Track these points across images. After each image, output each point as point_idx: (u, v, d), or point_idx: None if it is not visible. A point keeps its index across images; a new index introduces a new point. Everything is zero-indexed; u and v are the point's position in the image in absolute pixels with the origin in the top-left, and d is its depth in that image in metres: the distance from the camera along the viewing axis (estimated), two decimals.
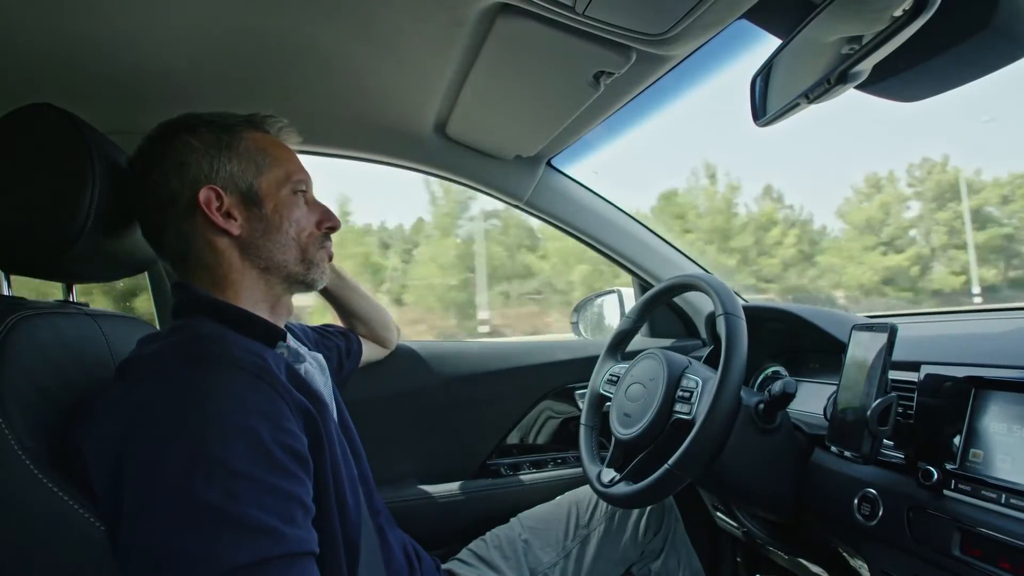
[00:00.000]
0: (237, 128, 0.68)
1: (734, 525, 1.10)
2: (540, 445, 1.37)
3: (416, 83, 0.97)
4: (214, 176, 0.65)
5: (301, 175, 0.71)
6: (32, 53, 0.80)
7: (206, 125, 0.67)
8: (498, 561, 0.96)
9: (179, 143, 0.65)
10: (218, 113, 0.69)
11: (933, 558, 0.64)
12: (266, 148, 0.69)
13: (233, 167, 0.66)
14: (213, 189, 0.64)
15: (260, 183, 0.67)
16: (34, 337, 0.58)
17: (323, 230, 0.73)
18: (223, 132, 0.67)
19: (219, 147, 0.66)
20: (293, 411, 0.56)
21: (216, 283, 0.66)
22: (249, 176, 0.67)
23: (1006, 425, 0.62)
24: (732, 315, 0.80)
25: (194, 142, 0.65)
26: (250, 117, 0.70)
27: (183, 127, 0.66)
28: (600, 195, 1.33)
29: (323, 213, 0.73)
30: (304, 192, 0.71)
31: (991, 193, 13.03)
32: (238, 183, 0.66)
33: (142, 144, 0.67)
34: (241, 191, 0.66)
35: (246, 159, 0.67)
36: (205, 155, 0.65)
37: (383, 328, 1.11)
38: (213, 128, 0.67)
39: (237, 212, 0.66)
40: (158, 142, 0.66)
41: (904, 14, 0.49)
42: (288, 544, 0.48)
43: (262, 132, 0.70)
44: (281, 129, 0.73)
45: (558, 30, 0.77)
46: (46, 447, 0.54)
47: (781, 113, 0.68)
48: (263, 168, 0.68)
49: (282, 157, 0.70)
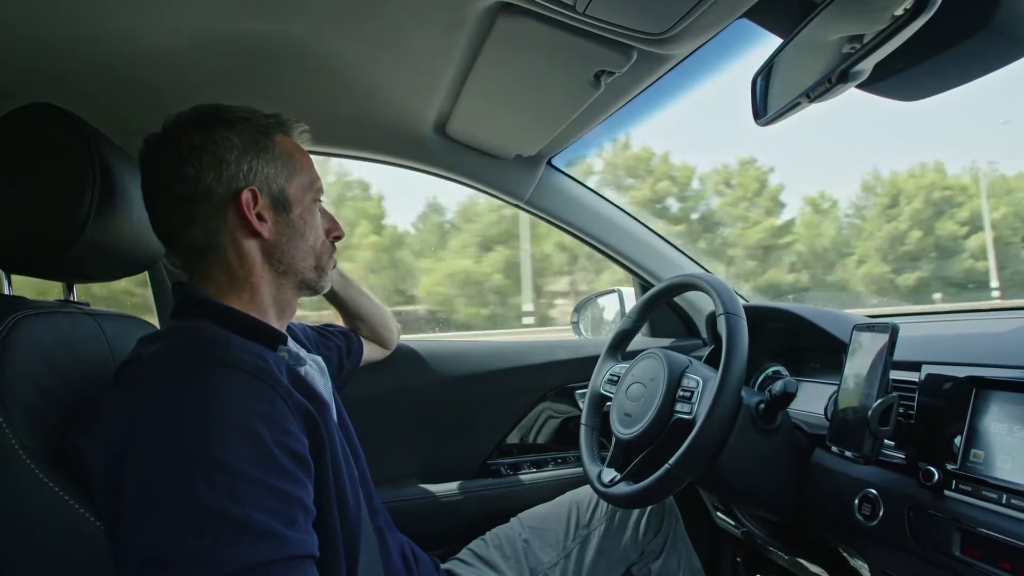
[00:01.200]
0: (270, 130, 0.68)
1: (734, 525, 1.10)
2: (540, 445, 1.37)
3: (416, 83, 0.97)
4: (252, 177, 0.64)
5: (319, 183, 0.72)
6: (32, 53, 0.80)
7: (242, 122, 0.66)
8: (498, 561, 0.96)
9: (219, 138, 0.63)
10: (248, 110, 0.68)
11: (933, 558, 0.64)
12: (294, 153, 0.69)
13: (269, 170, 0.66)
14: (252, 190, 0.64)
15: (290, 188, 0.67)
16: (35, 337, 0.58)
17: (331, 239, 0.74)
18: (259, 132, 0.66)
19: (257, 148, 0.65)
20: (294, 413, 0.56)
21: (232, 283, 0.65)
22: (281, 180, 0.67)
23: (1007, 425, 0.62)
24: (732, 314, 0.80)
25: (234, 139, 0.64)
26: (278, 119, 0.70)
27: (220, 120, 0.65)
28: (600, 194, 1.33)
29: (331, 222, 0.75)
30: (319, 200, 0.72)
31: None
32: (271, 186, 0.66)
33: (171, 132, 0.64)
34: (273, 195, 0.66)
35: (280, 163, 0.67)
36: (245, 155, 0.64)
37: (385, 328, 1.11)
38: (249, 126, 0.66)
39: (268, 215, 0.66)
40: (195, 132, 0.63)
41: (905, 13, 0.49)
42: (289, 547, 0.48)
43: (288, 136, 0.70)
44: (302, 133, 0.73)
45: (559, 29, 0.77)
46: (46, 447, 0.54)
47: (782, 112, 0.68)
48: (293, 173, 0.68)
49: (306, 163, 0.71)
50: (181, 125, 0.64)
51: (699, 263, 1.41)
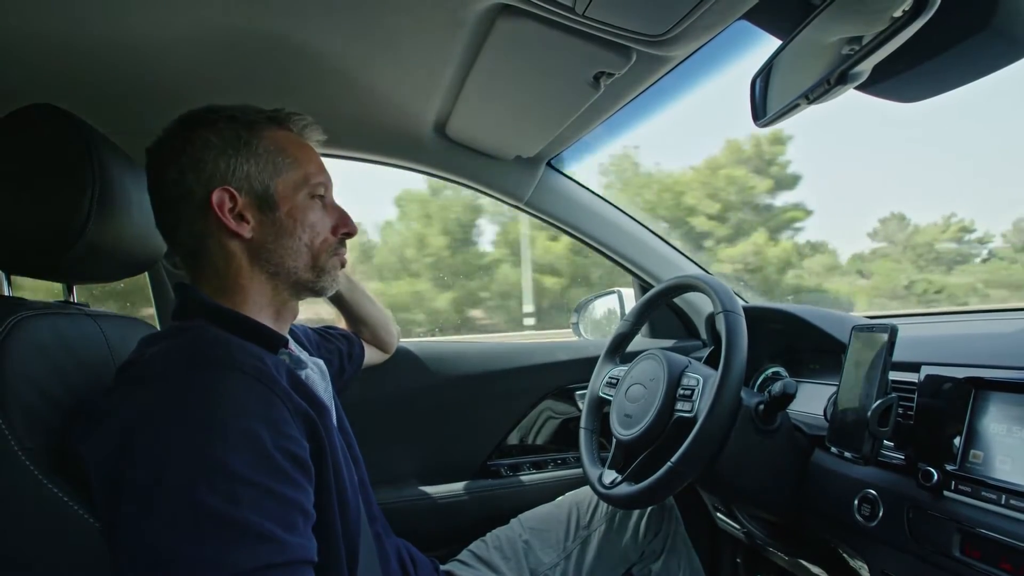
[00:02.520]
0: (258, 125, 0.65)
1: (734, 526, 1.10)
2: (540, 446, 1.37)
3: (416, 83, 0.97)
4: (230, 176, 0.63)
5: (320, 178, 0.68)
6: (32, 53, 0.80)
7: (226, 121, 0.64)
8: (498, 562, 0.96)
9: (197, 139, 0.63)
10: (241, 107, 0.66)
11: (933, 559, 0.64)
12: (286, 148, 0.67)
13: (250, 167, 0.64)
14: (227, 190, 0.62)
15: (277, 185, 0.65)
16: (34, 338, 0.58)
17: (339, 236, 0.70)
18: (243, 129, 0.64)
19: (237, 146, 0.63)
20: (294, 416, 0.55)
21: (223, 285, 0.65)
22: (266, 177, 0.65)
23: (1006, 426, 0.62)
24: (731, 312, 0.80)
25: (212, 139, 0.63)
26: (274, 113, 0.68)
27: (203, 121, 0.64)
28: (600, 195, 1.33)
29: (340, 218, 0.71)
30: (323, 196, 0.69)
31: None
32: (254, 184, 0.64)
33: (162, 135, 0.65)
34: (256, 193, 0.64)
35: (264, 159, 0.65)
36: (223, 154, 0.63)
37: (386, 332, 1.11)
38: (233, 124, 0.64)
39: (250, 215, 0.64)
40: (177, 135, 0.64)
41: (904, 14, 0.49)
42: (289, 551, 0.48)
43: (285, 130, 0.68)
44: (305, 127, 0.70)
45: (558, 31, 0.77)
46: (46, 448, 0.54)
47: (781, 114, 0.68)
48: (281, 169, 0.65)
49: (302, 158, 0.68)
50: (168, 130, 0.65)
51: (699, 264, 1.41)
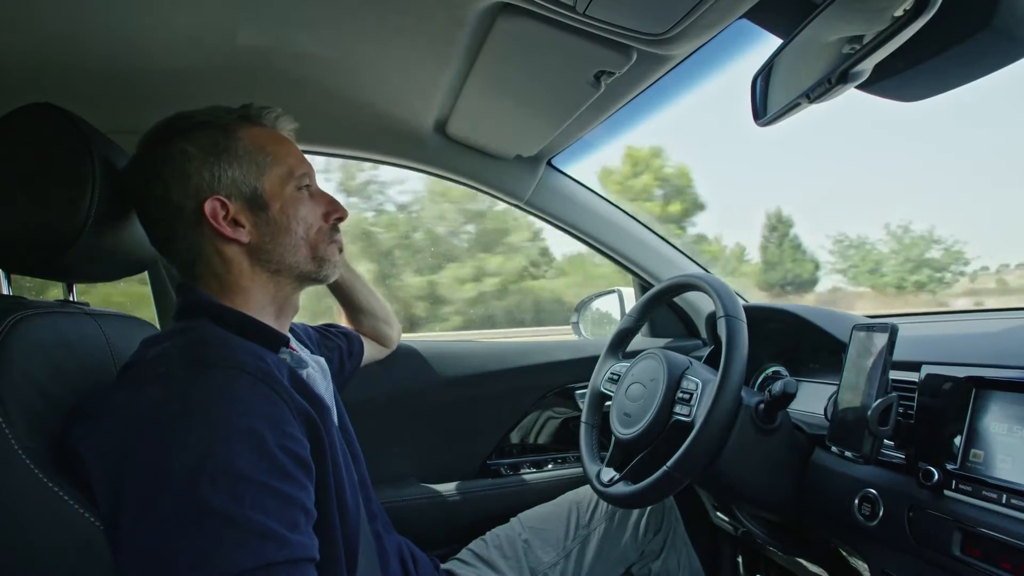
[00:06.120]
0: (232, 127, 0.65)
1: (734, 525, 1.10)
2: (540, 445, 1.37)
3: (416, 83, 0.97)
4: (216, 185, 0.63)
5: (303, 168, 0.68)
6: (32, 53, 0.80)
7: (200, 127, 0.64)
8: (498, 561, 0.96)
9: (175, 151, 0.62)
10: (210, 110, 0.66)
11: (934, 558, 0.64)
12: (264, 145, 0.66)
13: (234, 172, 0.63)
14: (218, 199, 0.62)
15: (264, 184, 0.65)
16: (34, 337, 0.58)
17: (331, 222, 0.70)
18: (219, 134, 0.64)
19: (217, 152, 0.63)
20: (295, 415, 0.55)
21: (225, 289, 0.65)
22: (251, 179, 0.64)
23: (1007, 425, 0.62)
24: (733, 317, 0.80)
25: (191, 149, 0.62)
26: (244, 111, 0.67)
27: (176, 131, 0.63)
28: (601, 195, 1.33)
29: (329, 204, 0.70)
30: (308, 186, 0.69)
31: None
32: (242, 188, 0.64)
33: (138, 152, 0.65)
34: (246, 196, 0.64)
35: (246, 161, 0.64)
36: (204, 163, 0.62)
37: (386, 325, 1.11)
38: (208, 130, 0.64)
39: (244, 218, 0.64)
40: (154, 149, 0.63)
41: (905, 14, 0.49)
42: (290, 549, 0.48)
43: (259, 126, 0.68)
44: (277, 119, 0.70)
45: (558, 30, 0.77)
46: (46, 447, 0.54)
47: (782, 113, 0.68)
48: (264, 168, 0.65)
49: (281, 153, 0.67)
50: (143, 145, 0.65)
51: (699, 263, 1.41)
